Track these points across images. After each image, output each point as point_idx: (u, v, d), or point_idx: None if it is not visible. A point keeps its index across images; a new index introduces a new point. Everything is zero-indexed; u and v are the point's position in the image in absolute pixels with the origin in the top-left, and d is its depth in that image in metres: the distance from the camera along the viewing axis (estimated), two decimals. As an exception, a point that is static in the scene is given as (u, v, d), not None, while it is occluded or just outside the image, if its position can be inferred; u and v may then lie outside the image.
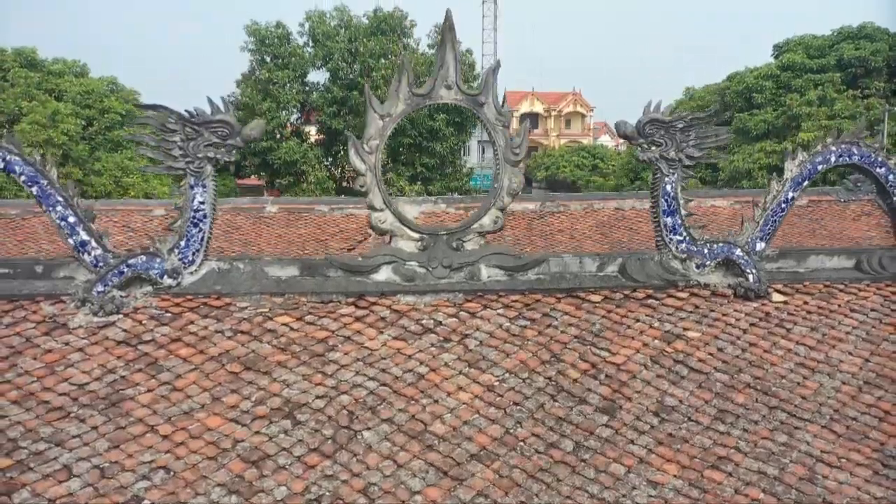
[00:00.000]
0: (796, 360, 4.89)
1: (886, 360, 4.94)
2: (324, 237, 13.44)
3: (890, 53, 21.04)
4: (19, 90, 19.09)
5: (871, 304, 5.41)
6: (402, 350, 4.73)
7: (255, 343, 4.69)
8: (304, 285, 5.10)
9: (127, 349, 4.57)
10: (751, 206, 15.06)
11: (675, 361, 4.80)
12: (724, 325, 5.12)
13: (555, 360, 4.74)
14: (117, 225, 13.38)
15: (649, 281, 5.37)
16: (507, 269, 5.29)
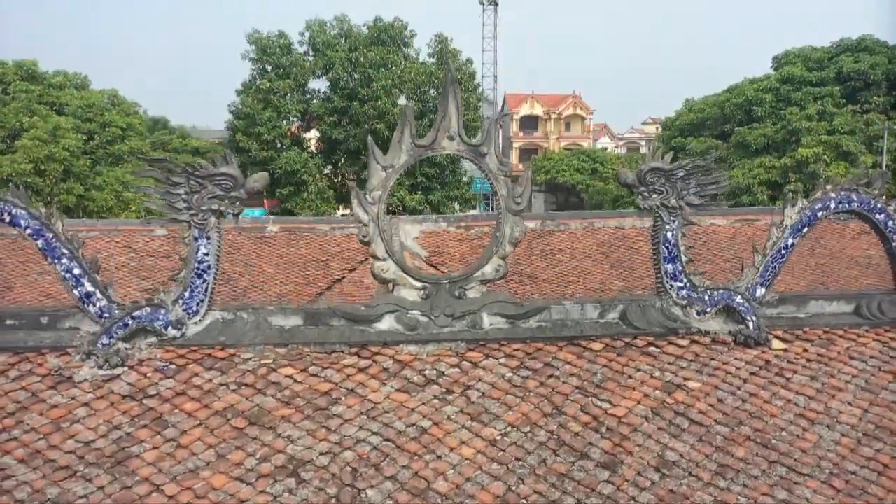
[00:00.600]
0: (796, 410, 4.93)
1: (885, 410, 4.98)
2: (325, 257, 13.48)
3: (889, 67, 21.09)
4: (20, 105, 19.13)
5: (871, 350, 5.45)
6: (405, 403, 4.77)
7: (260, 397, 4.73)
8: (308, 335, 5.15)
9: (132, 404, 4.60)
10: (750, 226, 15.06)
11: (676, 413, 4.84)
12: (725, 374, 5.16)
13: (556, 413, 4.78)
14: (119, 245, 13.43)
15: (650, 328, 5.41)
16: (508, 317, 5.33)
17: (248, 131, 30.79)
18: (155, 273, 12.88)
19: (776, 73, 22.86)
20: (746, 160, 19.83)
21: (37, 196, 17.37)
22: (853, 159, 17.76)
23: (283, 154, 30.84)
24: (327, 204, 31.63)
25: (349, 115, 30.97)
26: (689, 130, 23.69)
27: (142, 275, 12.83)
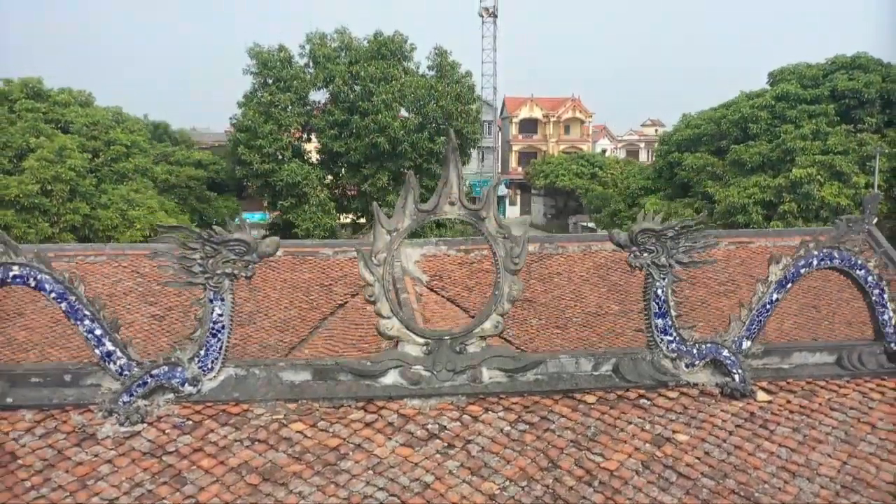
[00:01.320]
0: (778, 463, 5.21)
1: (863, 461, 5.26)
2: (328, 282, 13.76)
3: (883, 85, 21.38)
4: (27, 125, 19.41)
5: (851, 401, 5.74)
6: (409, 458, 5.05)
7: (272, 452, 5.01)
8: (317, 390, 5.42)
9: (152, 461, 4.88)
10: (744, 248, 15.28)
11: (665, 466, 5.12)
12: (711, 426, 5.44)
13: (552, 467, 5.06)
14: (126, 270, 13.70)
15: (641, 381, 5.69)
16: (507, 370, 5.61)
17: (249, 144, 31.07)
18: (161, 298, 13.16)
19: (771, 89, 23.16)
20: (742, 178, 20.11)
21: (44, 216, 17.64)
22: (846, 179, 18.05)
23: (284, 166, 31.12)
24: (328, 216, 31.90)
25: (350, 128, 31.26)
26: (685, 146, 23.98)
27: (149, 300, 13.10)
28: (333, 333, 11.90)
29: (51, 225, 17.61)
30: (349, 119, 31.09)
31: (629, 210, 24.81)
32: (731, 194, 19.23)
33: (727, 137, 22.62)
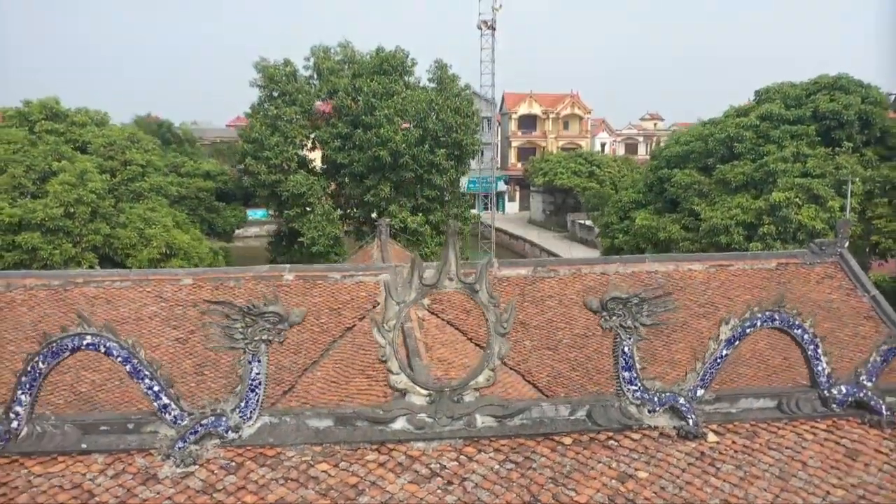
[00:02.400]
0: (721, 496, 6.23)
1: (792, 494, 6.28)
2: (337, 305, 14.75)
3: (861, 107, 22.32)
4: (48, 147, 20.37)
5: (787, 441, 6.75)
6: (415, 493, 6.07)
7: (303, 489, 6.03)
8: (338, 434, 6.45)
9: (205, 498, 5.90)
10: (724, 271, 16.21)
11: (627, 500, 6.14)
12: (667, 465, 6.46)
13: (534, 501, 6.08)
14: (150, 295, 14.69)
15: (610, 425, 6.70)
16: (497, 416, 6.63)
17: (256, 155, 32.07)
18: (184, 322, 14.16)
19: (756, 109, 24.10)
20: (727, 196, 21.09)
21: (67, 237, 18.63)
22: (822, 202, 19.02)
23: (290, 177, 32.12)
24: (332, 225, 32.90)
25: (353, 141, 32.24)
26: (675, 162, 24.93)
27: (172, 324, 14.10)
28: (343, 357, 12.92)
29: (74, 245, 18.60)
30: (352, 132, 32.06)
31: (621, 223, 25.76)
32: (714, 215, 20.20)
33: (714, 155, 23.57)
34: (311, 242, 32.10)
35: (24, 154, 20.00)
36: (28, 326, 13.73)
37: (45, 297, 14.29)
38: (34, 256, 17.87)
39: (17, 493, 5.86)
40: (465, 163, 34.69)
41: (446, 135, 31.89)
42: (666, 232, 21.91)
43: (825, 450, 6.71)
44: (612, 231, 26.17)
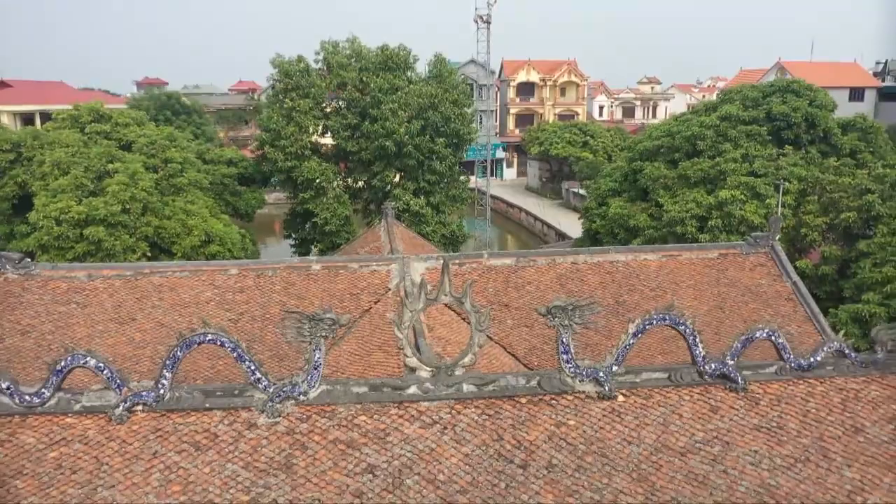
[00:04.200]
0: (623, 436, 9.34)
1: (669, 436, 9.38)
2: (356, 290, 17.77)
3: (808, 109, 25.02)
4: (102, 150, 23.19)
5: (671, 401, 9.84)
6: (423, 434, 9.18)
7: (350, 432, 9.14)
8: (371, 396, 9.53)
9: (289, 437, 9.02)
10: (673, 260, 19.15)
11: (560, 437, 9.26)
12: (589, 416, 9.56)
13: (499, 438, 9.20)
14: (205, 283, 17.67)
15: (553, 390, 9.77)
16: (477, 385, 9.70)
17: (274, 143, 34.81)
18: (234, 305, 17.20)
19: (718, 110, 26.79)
20: (686, 191, 23.94)
21: (125, 229, 21.60)
22: (763, 199, 21.88)
23: (304, 163, 34.91)
24: (343, 206, 35.79)
25: (360, 131, 34.93)
26: (646, 155, 27.72)
27: (225, 307, 17.14)
28: (363, 335, 16.02)
29: (130, 236, 21.56)
30: (360, 123, 34.74)
31: (599, 208, 28.64)
32: (673, 208, 23.07)
33: (680, 151, 26.32)
34: (324, 222, 35.04)
35: (82, 156, 22.81)
36: (110, 310, 16.77)
37: (121, 286, 17.30)
38: (99, 247, 20.83)
39: (167, 435, 8.98)
40: (462, 150, 37.39)
41: (445, 125, 34.59)
42: (635, 220, 24.80)
43: (696, 406, 9.82)
44: (592, 215, 29.05)
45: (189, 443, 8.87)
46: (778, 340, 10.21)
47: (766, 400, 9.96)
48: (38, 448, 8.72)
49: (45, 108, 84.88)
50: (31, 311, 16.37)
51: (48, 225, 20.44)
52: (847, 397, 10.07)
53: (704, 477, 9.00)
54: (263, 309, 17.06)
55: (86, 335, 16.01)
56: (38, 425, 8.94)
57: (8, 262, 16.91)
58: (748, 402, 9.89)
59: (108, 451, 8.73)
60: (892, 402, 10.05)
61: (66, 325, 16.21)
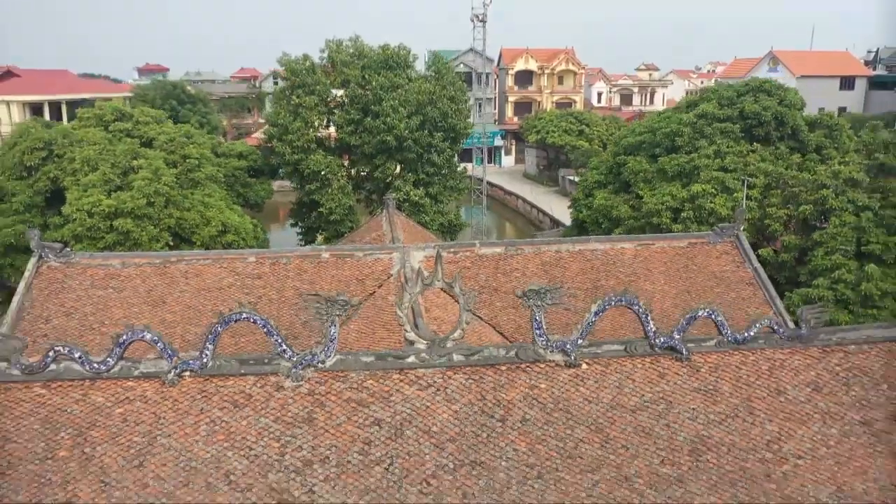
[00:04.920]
0: (584, 396, 11.18)
1: (627, 397, 11.19)
2: (361, 277, 19.55)
3: (777, 108, 26.70)
4: (126, 148, 24.92)
5: (626, 368, 11.65)
6: (420, 396, 11.01)
7: (359, 394, 10.97)
8: (377, 365, 11.35)
9: (310, 398, 10.86)
10: (647, 249, 20.99)
11: (532, 397, 11.09)
12: (557, 380, 11.38)
13: (482, 398, 11.04)
14: (226, 270, 19.46)
15: (528, 359, 11.59)
16: (465, 355, 11.52)
17: (281, 138, 36.48)
18: (252, 290, 18.99)
19: (696, 108, 28.45)
20: (664, 184, 25.67)
21: (149, 221, 23.38)
22: (731, 192, 23.62)
23: (310, 157, 36.58)
24: (346, 196, 37.51)
25: (363, 126, 36.59)
26: (630, 150, 29.43)
27: (244, 291, 18.92)
28: (368, 315, 17.84)
29: (154, 227, 23.34)
30: (363, 118, 36.39)
31: (586, 199, 30.39)
32: (651, 200, 24.80)
33: (660, 146, 28.02)
34: (329, 212, 36.78)
35: (108, 153, 24.53)
36: (143, 294, 18.58)
37: (152, 272, 19.08)
38: (127, 237, 22.59)
39: (210, 395, 10.82)
40: (459, 143, 39.06)
41: (443, 120, 36.25)
42: (617, 211, 26.54)
43: (646, 372, 11.65)
44: (579, 206, 30.80)
45: (229, 401, 10.72)
46: (717, 318, 12.01)
47: (705, 367, 11.79)
48: (106, 405, 10.57)
49: (53, 97, 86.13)
50: (73, 294, 18.17)
51: (81, 217, 22.20)
52: (773, 365, 11.90)
53: (650, 429, 10.86)
54: (279, 293, 18.87)
55: (122, 316, 17.82)
56: (106, 387, 10.78)
57: (50, 252, 18.69)
58: (690, 370, 11.72)
59: (164, 407, 10.59)
60: (811, 369, 11.89)
61: (105, 307, 18.02)
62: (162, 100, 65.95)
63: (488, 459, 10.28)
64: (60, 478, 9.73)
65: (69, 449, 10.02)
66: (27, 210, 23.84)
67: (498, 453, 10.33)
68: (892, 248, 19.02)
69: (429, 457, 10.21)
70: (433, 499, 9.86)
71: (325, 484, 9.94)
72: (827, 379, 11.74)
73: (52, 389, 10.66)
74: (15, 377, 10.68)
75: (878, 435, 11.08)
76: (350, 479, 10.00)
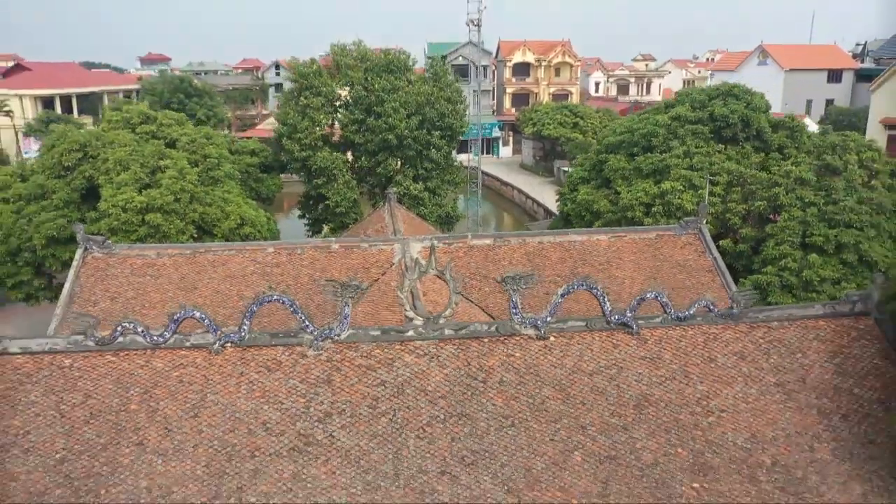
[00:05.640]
0: (552, 362, 13.51)
1: (583, 363, 13.54)
2: (367, 265, 21.82)
3: (744, 111, 28.87)
4: (153, 149, 27.13)
5: (586, 341, 13.96)
6: (416, 362, 13.34)
7: (368, 360, 13.30)
8: (382, 337, 13.68)
9: (328, 363, 13.19)
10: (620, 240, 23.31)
11: (509, 364, 13.42)
12: (529, 349, 13.70)
13: (468, 363, 13.36)
14: (248, 259, 21.72)
15: (506, 332, 13.90)
16: (454, 330, 13.84)
17: (290, 136, 38.64)
18: (271, 277, 21.29)
19: (671, 111, 30.61)
20: (639, 181, 27.88)
21: (176, 215, 25.64)
22: (697, 189, 25.85)
23: (317, 154, 38.75)
24: (351, 191, 39.70)
25: (366, 125, 38.74)
26: (611, 149, 31.63)
27: (265, 278, 21.20)
28: (373, 299, 20.14)
29: (181, 221, 25.59)
30: (366, 118, 38.53)
31: (571, 193, 32.62)
32: (627, 196, 27.03)
33: (637, 146, 30.20)
34: (335, 205, 38.99)
35: (137, 154, 26.73)
36: (176, 280, 20.85)
37: (184, 262, 21.36)
38: (157, 230, 24.83)
39: (248, 361, 13.15)
40: (455, 141, 41.23)
41: (440, 120, 38.40)
42: (598, 205, 28.78)
43: (604, 344, 13.96)
44: (565, 199, 33.03)
45: (263, 366, 13.07)
46: (662, 300, 14.32)
47: (651, 340, 14.11)
48: (165, 369, 12.90)
49: (63, 91, 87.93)
50: (116, 281, 20.46)
51: (116, 212, 24.43)
52: (708, 338, 14.23)
53: (603, 388, 13.21)
54: (295, 280, 21.16)
55: (159, 300, 20.14)
56: (164, 355, 13.11)
57: (94, 244, 20.96)
58: (639, 341, 14.04)
59: (211, 371, 12.93)
60: (739, 341, 14.21)
61: (144, 292, 20.32)
62: (170, 93, 67.52)
63: (472, 412, 12.63)
64: (133, 425, 12.08)
65: (138, 403, 12.37)
66: (66, 206, 26.03)
67: (479, 407, 12.68)
68: (832, 239, 21.24)
69: (424, 410, 12.57)
70: (427, 442, 12.23)
71: (341, 431, 12.30)
72: (751, 349, 14.07)
73: (121, 357, 12.99)
74: (91, 347, 13.00)
75: (789, 394, 13.43)
76: (361, 427, 12.36)
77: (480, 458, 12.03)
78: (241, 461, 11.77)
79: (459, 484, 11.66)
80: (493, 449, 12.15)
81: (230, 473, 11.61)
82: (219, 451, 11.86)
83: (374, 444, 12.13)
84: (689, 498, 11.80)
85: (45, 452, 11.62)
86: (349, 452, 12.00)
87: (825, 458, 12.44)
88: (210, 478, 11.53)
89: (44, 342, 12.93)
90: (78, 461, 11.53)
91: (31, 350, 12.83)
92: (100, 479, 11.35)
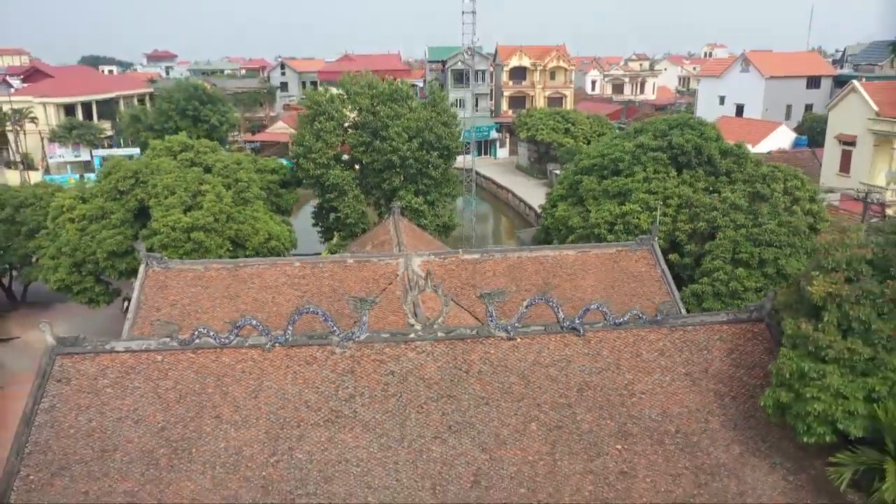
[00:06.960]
0: (517, 357, 17.53)
1: (541, 357, 17.57)
2: (377, 277, 25.77)
3: (697, 140, 32.76)
4: (194, 175, 31.15)
5: (544, 342, 17.94)
6: (417, 357, 17.34)
7: (379, 355, 17.32)
8: (391, 339, 17.71)
9: (350, 359, 17.23)
10: (586, 255, 27.40)
11: (487, 360, 17.45)
12: (499, 348, 17.71)
13: (455, 358, 17.37)
14: (279, 272, 25.61)
15: (486, 335, 17.89)
16: (446, 332, 17.86)
17: (306, 156, 42.66)
18: (299, 288, 25.28)
19: (634, 140, 34.53)
20: (606, 202, 31.80)
21: (215, 233, 29.69)
22: (652, 210, 29.81)
23: (330, 172, 42.77)
24: (360, 204, 43.74)
25: (372, 147, 42.74)
26: (586, 171, 35.57)
27: (294, 288, 25.16)
28: (381, 306, 24.10)
29: (219, 237, 29.63)
30: (372, 141, 42.53)
31: (552, 209, 36.59)
32: (595, 215, 30.95)
33: (607, 169, 34.12)
34: (346, 216, 43.01)
35: (180, 179, 30.76)
36: (222, 290, 24.83)
37: (227, 274, 25.34)
38: (200, 246, 28.86)
39: (292, 357, 17.19)
40: (452, 159, 45.27)
41: (438, 142, 42.43)
42: (572, 221, 32.76)
43: (557, 343, 17.95)
44: (546, 214, 37.00)
45: (303, 361, 17.11)
46: (602, 309, 18.34)
47: (594, 340, 18.12)
48: (231, 363, 16.95)
49: (85, 98, 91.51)
50: (173, 291, 24.49)
51: (167, 231, 28.44)
52: (637, 339, 18.23)
53: (555, 377, 17.24)
54: (318, 289, 25.16)
55: (209, 306, 24.16)
56: (229, 353, 17.15)
57: (154, 260, 25.00)
58: (584, 341, 18.06)
59: (265, 364, 16.98)
60: (661, 341, 18.21)
61: (197, 300, 24.34)
62: (185, 101, 70.62)
63: (457, 394, 16.68)
64: (211, 404, 16.15)
65: (213, 388, 16.43)
66: (122, 224, 30.04)
67: (463, 390, 16.74)
68: (756, 256, 25.23)
69: (422, 392, 16.63)
70: (425, 416, 16.30)
71: (362, 408, 16.37)
72: (669, 347, 18.10)
73: (198, 354, 17.03)
74: (175, 347, 17.05)
75: (695, 381, 17.46)
76: (376, 405, 16.42)
77: (463, 427, 16.09)
78: (290, 429, 15.82)
79: (447, 445, 15.72)
80: (472, 421, 16.21)
81: (283, 438, 15.67)
82: (273, 422, 15.91)
83: (385, 417, 16.18)
84: (614, 455, 15.87)
85: (150, 423, 15.68)
86: (367, 423, 16.05)
87: (715, 427, 16.50)
88: (268, 441, 15.60)
89: (141, 343, 16.98)
90: (174, 429, 15.60)
91: (132, 349, 16.88)
92: (190, 441, 15.42)
